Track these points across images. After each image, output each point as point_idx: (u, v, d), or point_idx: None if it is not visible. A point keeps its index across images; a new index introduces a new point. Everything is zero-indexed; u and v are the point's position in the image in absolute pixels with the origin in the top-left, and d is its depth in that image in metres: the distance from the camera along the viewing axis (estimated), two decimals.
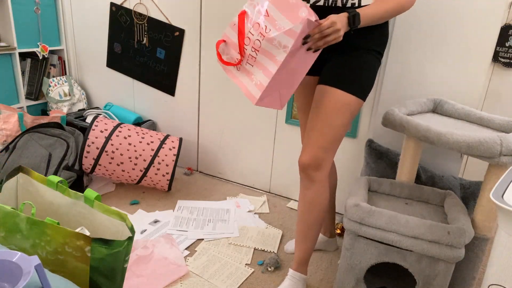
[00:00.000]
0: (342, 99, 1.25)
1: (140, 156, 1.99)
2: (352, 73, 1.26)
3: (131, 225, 1.06)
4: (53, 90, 2.59)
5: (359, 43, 1.26)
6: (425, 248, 1.20)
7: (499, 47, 2.17)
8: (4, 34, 2.39)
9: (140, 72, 2.46)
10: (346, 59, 1.27)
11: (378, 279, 1.43)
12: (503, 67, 2.19)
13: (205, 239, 1.77)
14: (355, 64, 1.26)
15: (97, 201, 1.14)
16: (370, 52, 1.27)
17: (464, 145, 1.17)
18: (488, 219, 1.27)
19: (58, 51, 2.72)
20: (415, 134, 1.30)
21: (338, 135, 1.27)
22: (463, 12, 1.52)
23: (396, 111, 1.41)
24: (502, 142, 1.12)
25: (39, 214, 1.17)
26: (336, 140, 1.28)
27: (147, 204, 2.03)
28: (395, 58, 1.69)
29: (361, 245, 1.31)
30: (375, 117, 1.80)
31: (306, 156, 1.29)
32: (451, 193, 1.44)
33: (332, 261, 1.68)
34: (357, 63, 1.26)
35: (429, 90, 1.65)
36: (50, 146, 1.95)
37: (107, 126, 2.02)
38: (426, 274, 1.24)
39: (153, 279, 1.46)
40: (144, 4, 2.29)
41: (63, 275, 0.93)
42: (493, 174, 1.24)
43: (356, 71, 1.26)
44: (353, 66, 1.26)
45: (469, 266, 1.33)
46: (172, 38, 2.26)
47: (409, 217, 1.23)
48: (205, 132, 2.37)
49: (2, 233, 0.99)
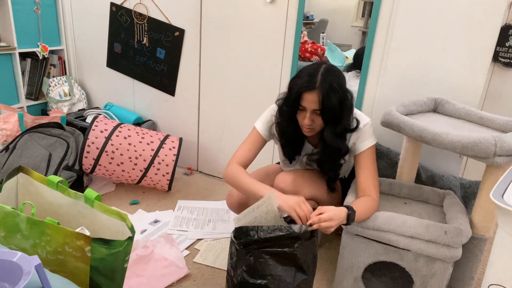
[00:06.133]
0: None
1: (140, 156, 1.99)
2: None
3: (131, 225, 1.06)
4: (53, 90, 2.59)
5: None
6: (422, 247, 1.20)
7: (499, 47, 2.17)
8: (4, 34, 2.39)
9: (140, 72, 2.46)
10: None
11: (376, 278, 1.43)
12: (503, 67, 2.19)
13: (205, 239, 1.77)
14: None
15: (97, 201, 1.14)
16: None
17: (459, 145, 1.17)
18: (486, 219, 1.27)
19: (58, 51, 2.72)
20: (411, 134, 1.30)
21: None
22: (463, 12, 1.52)
23: (393, 111, 1.41)
24: (496, 143, 1.12)
25: (39, 214, 1.17)
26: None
27: (147, 204, 2.04)
28: (395, 58, 1.69)
29: (358, 244, 1.31)
30: (375, 117, 1.80)
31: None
32: (451, 192, 1.45)
33: (332, 261, 1.68)
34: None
35: (429, 90, 1.65)
36: (50, 146, 1.95)
37: (107, 126, 2.02)
38: (423, 274, 1.25)
39: (153, 279, 1.46)
40: (144, 4, 2.29)
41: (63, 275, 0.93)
42: (490, 174, 1.24)
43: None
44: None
45: (467, 266, 1.33)
46: (172, 38, 2.26)
47: (406, 217, 1.23)
48: (205, 132, 2.37)
49: (2, 233, 0.99)
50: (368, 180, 1.33)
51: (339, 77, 1.27)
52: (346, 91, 1.28)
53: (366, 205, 1.27)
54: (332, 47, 2.37)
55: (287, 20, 1.90)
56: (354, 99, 1.32)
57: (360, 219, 1.24)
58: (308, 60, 2.34)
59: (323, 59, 2.36)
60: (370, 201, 1.29)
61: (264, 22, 1.97)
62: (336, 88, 1.23)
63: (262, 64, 2.04)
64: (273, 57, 1.99)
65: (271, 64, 2.01)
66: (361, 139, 1.35)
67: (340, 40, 2.40)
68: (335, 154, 1.37)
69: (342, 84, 1.27)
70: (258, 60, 2.05)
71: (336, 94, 1.22)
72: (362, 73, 1.78)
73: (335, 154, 1.36)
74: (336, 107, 1.23)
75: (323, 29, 2.45)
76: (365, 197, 1.30)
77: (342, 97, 1.25)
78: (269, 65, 2.01)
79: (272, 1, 1.91)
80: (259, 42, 2.01)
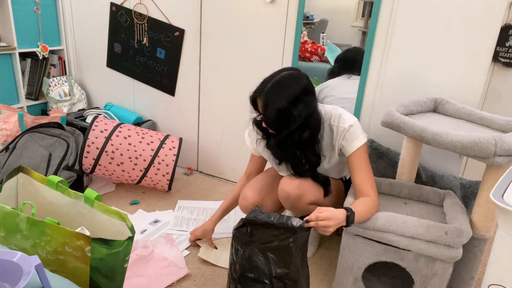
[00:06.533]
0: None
1: (140, 156, 1.99)
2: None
3: (131, 225, 1.06)
4: (53, 90, 2.59)
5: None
6: (422, 248, 1.20)
7: (499, 47, 2.17)
8: (4, 34, 2.39)
9: (140, 72, 2.46)
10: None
11: (377, 278, 1.43)
12: (503, 67, 2.19)
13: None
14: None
15: (97, 201, 1.14)
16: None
17: (459, 145, 1.17)
18: (486, 219, 1.27)
19: (58, 51, 2.72)
20: (411, 134, 1.30)
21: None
22: (463, 12, 1.52)
23: (394, 111, 1.41)
24: (496, 143, 1.12)
25: (39, 214, 1.17)
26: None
27: (147, 204, 2.03)
28: (395, 58, 1.69)
29: (359, 244, 1.31)
30: (375, 117, 1.80)
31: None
32: (451, 193, 1.44)
33: (333, 261, 1.68)
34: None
35: (429, 90, 1.65)
36: (50, 146, 1.95)
37: (107, 126, 2.02)
38: (424, 274, 1.25)
39: (153, 279, 1.46)
40: (144, 4, 2.29)
41: (63, 275, 0.93)
42: (490, 174, 1.24)
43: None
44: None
45: (467, 266, 1.33)
46: (172, 38, 2.26)
47: (406, 217, 1.23)
48: (205, 132, 2.37)
49: (2, 233, 0.99)
50: (363, 181, 1.33)
51: (291, 86, 1.24)
52: (297, 100, 1.24)
53: (366, 206, 1.26)
54: (332, 47, 2.37)
55: (287, 20, 1.90)
56: (312, 107, 1.28)
57: (361, 220, 1.24)
58: (308, 60, 2.34)
59: (323, 59, 2.36)
60: (370, 201, 1.29)
61: (264, 22, 1.97)
62: (278, 98, 1.23)
63: (262, 64, 2.04)
64: (273, 57, 1.99)
65: (271, 64, 2.01)
66: (349, 140, 1.34)
67: (340, 40, 2.40)
68: (295, 162, 1.39)
69: (292, 93, 1.24)
70: (258, 60, 2.05)
71: (278, 104, 1.22)
72: (362, 74, 1.78)
73: (294, 161, 1.39)
74: (273, 117, 1.24)
75: (323, 29, 2.45)
76: (364, 198, 1.30)
77: (286, 107, 1.22)
78: (269, 65, 2.01)
79: (272, 1, 1.91)
80: (259, 42, 2.01)
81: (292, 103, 1.24)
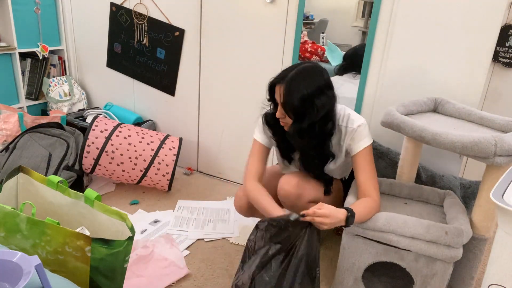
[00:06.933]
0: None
1: (140, 156, 1.99)
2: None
3: (131, 225, 1.06)
4: (53, 90, 2.59)
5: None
6: (422, 248, 1.20)
7: (499, 47, 2.17)
8: (4, 34, 2.39)
9: (140, 72, 2.46)
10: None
11: (377, 278, 1.43)
12: (503, 67, 2.19)
13: (205, 239, 1.77)
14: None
15: (97, 201, 1.14)
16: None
17: (459, 145, 1.17)
18: (486, 219, 1.27)
19: (58, 51, 2.72)
20: (411, 134, 1.30)
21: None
22: (463, 12, 1.52)
23: (393, 111, 1.41)
24: (496, 143, 1.12)
25: (39, 214, 1.17)
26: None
27: (147, 204, 2.04)
28: (395, 58, 1.69)
29: (359, 244, 1.31)
30: (375, 117, 1.80)
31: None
32: (451, 193, 1.44)
33: (333, 261, 1.68)
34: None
35: (429, 90, 1.65)
36: (50, 146, 1.95)
37: (107, 126, 2.02)
38: (424, 274, 1.25)
39: (153, 279, 1.46)
40: (144, 4, 2.29)
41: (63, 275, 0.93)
42: (490, 174, 1.24)
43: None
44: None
45: (467, 266, 1.33)
46: (172, 38, 2.26)
47: (407, 217, 1.23)
48: (205, 132, 2.37)
49: (2, 233, 0.99)
50: (367, 181, 1.33)
51: (316, 76, 1.25)
52: (321, 91, 1.24)
53: (367, 206, 1.26)
54: (332, 47, 2.37)
55: (287, 20, 1.90)
56: (333, 102, 1.29)
57: (361, 220, 1.24)
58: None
59: (323, 59, 2.36)
60: (371, 202, 1.29)
61: (264, 22, 1.97)
62: (303, 84, 1.22)
63: (262, 64, 2.04)
64: (273, 57, 1.99)
65: (271, 64, 2.01)
66: (356, 140, 1.34)
67: (340, 40, 2.40)
68: (308, 154, 1.38)
69: (317, 83, 1.24)
70: (258, 60, 2.05)
71: (302, 90, 1.22)
72: (362, 73, 1.78)
73: (308, 154, 1.37)
74: (295, 103, 1.23)
75: (323, 29, 2.45)
76: (365, 199, 1.30)
77: (310, 94, 1.22)
78: (269, 65, 2.01)
79: (272, 1, 1.91)
80: (259, 42, 2.01)
81: (316, 92, 1.24)
